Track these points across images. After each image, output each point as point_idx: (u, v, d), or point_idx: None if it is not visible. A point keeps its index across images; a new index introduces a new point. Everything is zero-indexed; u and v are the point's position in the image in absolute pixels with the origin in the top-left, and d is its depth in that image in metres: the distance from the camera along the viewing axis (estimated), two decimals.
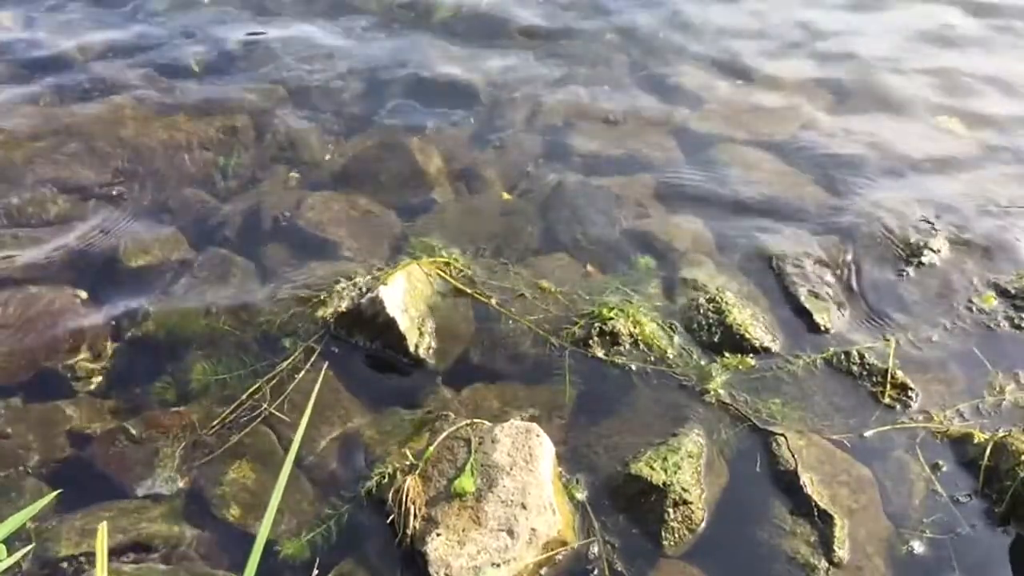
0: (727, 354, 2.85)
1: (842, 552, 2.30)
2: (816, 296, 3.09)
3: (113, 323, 2.99)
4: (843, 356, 2.85)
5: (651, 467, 2.42)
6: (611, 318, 2.88)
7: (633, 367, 2.80)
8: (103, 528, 1.41)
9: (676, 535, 2.34)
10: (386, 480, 2.38)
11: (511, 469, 2.32)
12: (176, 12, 4.98)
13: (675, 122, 4.14)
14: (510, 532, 2.20)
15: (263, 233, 3.39)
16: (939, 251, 3.31)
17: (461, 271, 3.14)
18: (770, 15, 5.16)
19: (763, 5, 5.26)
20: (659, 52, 4.73)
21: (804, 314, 3.02)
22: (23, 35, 4.75)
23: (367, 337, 2.86)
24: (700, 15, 5.11)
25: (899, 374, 2.77)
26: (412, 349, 2.82)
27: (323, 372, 2.68)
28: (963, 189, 3.69)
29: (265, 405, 2.66)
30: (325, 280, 3.09)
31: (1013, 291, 3.12)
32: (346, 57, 4.61)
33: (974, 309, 3.07)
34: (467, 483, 2.29)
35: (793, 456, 2.50)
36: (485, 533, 2.20)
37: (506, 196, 3.62)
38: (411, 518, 2.25)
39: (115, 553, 2.26)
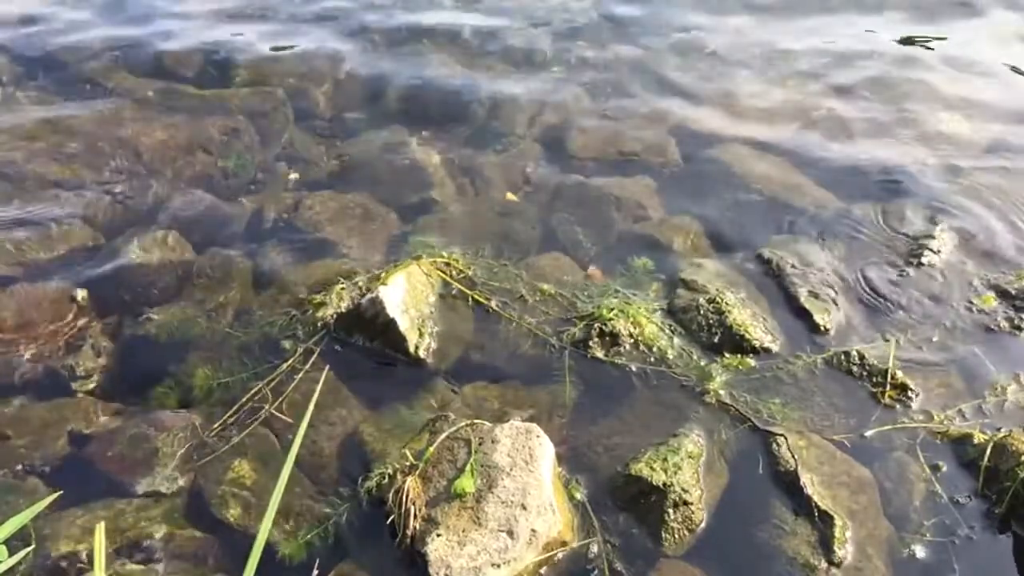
0: (727, 354, 2.85)
1: (842, 553, 2.30)
2: (816, 296, 3.09)
3: (113, 323, 2.99)
4: (843, 356, 2.85)
5: (651, 468, 2.42)
6: (611, 319, 2.88)
7: (633, 368, 2.80)
8: (100, 527, 1.41)
9: (676, 535, 2.34)
10: (386, 480, 2.38)
11: (511, 470, 2.32)
12: (176, 13, 4.98)
13: (675, 122, 4.14)
14: (510, 532, 2.20)
15: (263, 233, 3.39)
16: (939, 251, 3.31)
17: (461, 272, 3.14)
18: (772, 17, 5.16)
19: (763, 8, 5.27)
20: (660, 53, 4.74)
21: (804, 314, 3.02)
22: (24, 35, 4.75)
23: (367, 337, 2.86)
24: (701, 16, 5.11)
25: (899, 374, 2.77)
26: (412, 349, 2.82)
27: (323, 373, 2.68)
28: (963, 189, 3.69)
29: (267, 407, 2.66)
30: (325, 280, 3.09)
31: (1013, 292, 3.12)
32: (346, 58, 4.62)
33: (974, 309, 3.07)
34: (467, 484, 2.29)
35: (793, 457, 2.50)
36: (485, 534, 2.20)
37: (510, 197, 3.63)
38: (411, 518, 2.25)
39: (114, 553, 2.27)
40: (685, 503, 2.36)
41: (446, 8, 5.12)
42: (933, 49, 4.76)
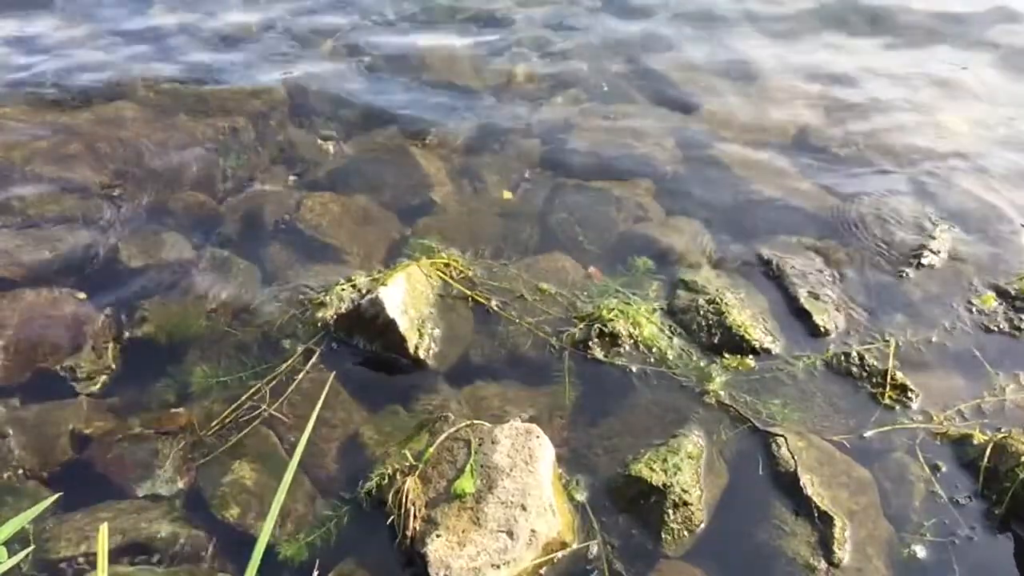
0: (727, 355, 2.85)
1: (842, 553, 2.30)
2: (816, 297, 3.09)
3: (113, 324, 2.99)
4: (843, 357, 2.85)
5: (651, 468, 2.42)
6: (611, 319, 2.88)
7: (633, 368, 2.80)
8: (104, 529, 1.40)
9: (676, 536, 2.34)
10: (386, 481, 2.38)
11: (511, 470, 2.32)
12: (176, 12, 4.98)
13: (675, 123, 4.14)
14: (510, 533, 2.20)
15: (263, 235, 3.39)
16: (939, 252, 3.31)
17: (461, 272, 3.14)
18: (771, 16, 5.16)
19: (764, 7, 5.27)
20: (660, 52, 4.73)
21: (804, 315, 3.02)
22: (24, 36, 4.75)
23: (367, 338, 2.86)
24: (700, 15, 5.11)
25: (899, 375, 2.78)
26: (412, 350, 2.82)
27: (329, 378, 2.68)
28: (963, 189, 3.69)
29: (264, 406, 2.66)
30: (325, 281, 3.09)
31: (1013, 292, 3.13)
32: (346, 58, 4.62)
33: (974, 310, 3.08)
34: (467, 484, 2.29)
35: (793, 457, 2.50)
36: (485, 534, 2.20)
37: (507, 195, 3.63)
38: (411, 519, 2.25)
39: (115, 553, 2.26)
40: (685, 504, 2.36)
41: (446, 9, 5.11)
42: (934, 62, 4.75)
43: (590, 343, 2.85)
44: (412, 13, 5.04)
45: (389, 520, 2.30)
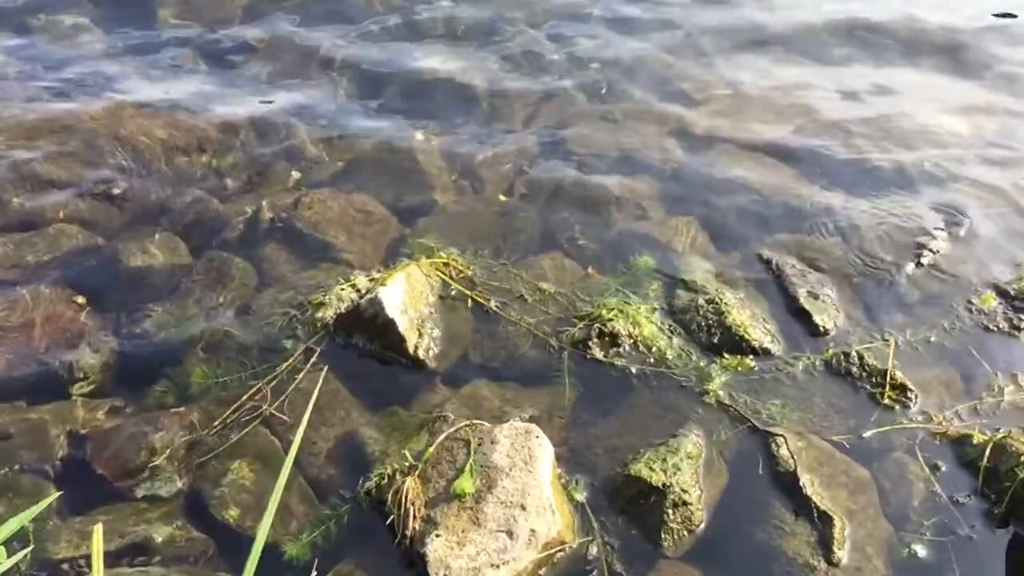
0: (726, 355, 2.85)
1: (841, 553, 2.30)
2: (815, 297, 3.09)
3: (112, 324, 2.99)
4: (842, 357, 2.85)
5: (650, 468, 2.42)
6: (610, 319, 2.88)
7: (632, 368, 2.80)
8: (98, 529, 1.40)
9: (675, 536, 2.34)
10: (385, 481, 2.38)
11: (510, 470, 2.32)
12: (175, 13, 4.98)
13: (675, 122, 4.14)
14: (509, 533, 2.20)
15: (262, 234, 3.39)
16: (939, 251, 3.31)
17: (460, 272, 3.14)
18: (771, 17, 5.16)
19: (763, 9, 5.26)
20: (660, 55, 4.73)
21: (803, 315, 3.02)
22: (24, 36, 4.75)
23: (366, 338, 2.86)
24: (701, 16, 5.11)
25: (898, 375, 2.77)
26: (411, 350, 2.82)
27: (323, 374, 2.68)
28: (963, 189, 3.69)
29: (265, 406, 2.66)
30: (325, 281, 3.09)
31: (1012, 291, 3.13)
32: (346, 57, 4.61)
33: (973, 310, 3.08)
34: (466, 484, 2.29)
35: (792, 457, 2.50)
36: (484, 534, 2.20)
37: (502, 198, 3.62)
38: (410, 519, 2.25)
39: (114, 555, 2.26)
40: (684, 503, 2.36)
41: (445, 6, 5.11)
42: (937, 72, 4.75)
43: (590, 343, 2.85)
44: (412, 22, 5.03)
45: (389, 520, 2.30)
